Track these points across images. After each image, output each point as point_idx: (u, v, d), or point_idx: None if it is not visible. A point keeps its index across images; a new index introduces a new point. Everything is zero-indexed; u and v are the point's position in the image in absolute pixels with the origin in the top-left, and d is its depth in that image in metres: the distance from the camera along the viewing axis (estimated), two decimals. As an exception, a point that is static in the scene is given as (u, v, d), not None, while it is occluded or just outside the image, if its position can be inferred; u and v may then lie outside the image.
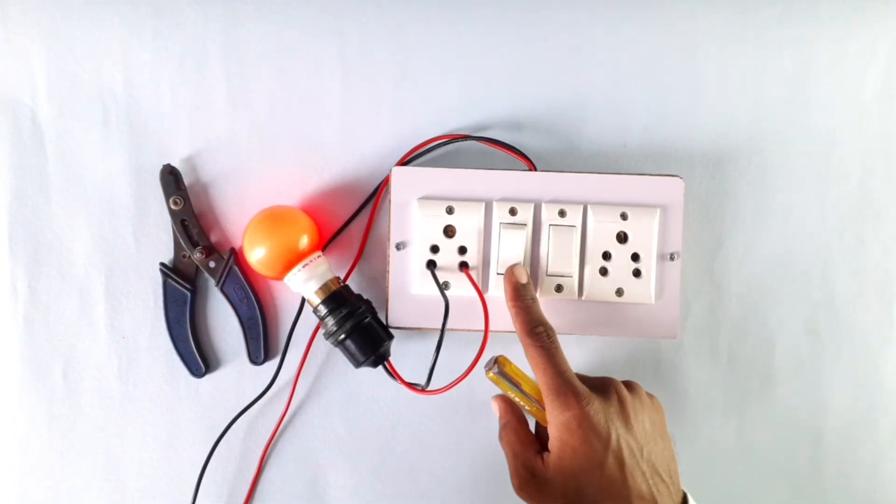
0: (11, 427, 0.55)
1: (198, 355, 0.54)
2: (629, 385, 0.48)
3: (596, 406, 0.44)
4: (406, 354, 0.54)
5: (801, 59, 0.55)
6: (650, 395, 0.48)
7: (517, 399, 0.48)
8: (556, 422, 0.44)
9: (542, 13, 0.54)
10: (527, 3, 0.54)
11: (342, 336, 0.49)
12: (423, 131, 0.54)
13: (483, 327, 0.49)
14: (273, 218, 0.51)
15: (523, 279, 0.48)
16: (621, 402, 0.45)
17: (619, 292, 0.51)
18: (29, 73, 0.54)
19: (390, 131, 0.54)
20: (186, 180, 0.54)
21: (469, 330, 0.51)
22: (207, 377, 0.55)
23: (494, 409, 0.51)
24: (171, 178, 0.53)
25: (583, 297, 0.51)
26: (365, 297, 0.51)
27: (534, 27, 0.54)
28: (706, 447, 0.55)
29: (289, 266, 0.50)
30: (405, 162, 0.53)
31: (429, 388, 0.49)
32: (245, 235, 0.51)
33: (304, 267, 0.50)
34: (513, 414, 0.49)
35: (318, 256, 0.51)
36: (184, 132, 0.54)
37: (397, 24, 0.54)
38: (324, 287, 0.50)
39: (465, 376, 0.48)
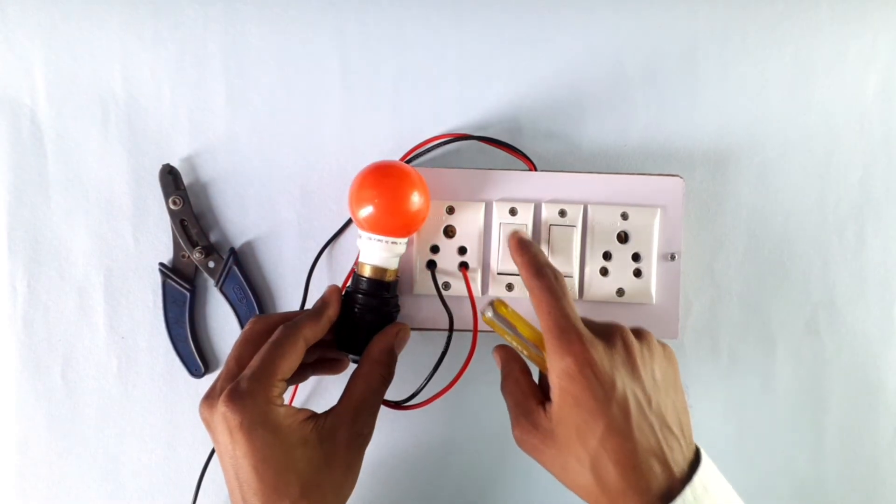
0: (11, 427, 0.55)
1: (197, 355, 0.54)
2: (638, 332, 0.44)
3: (600, 351, 0.40)
4: (405, 355, 0.54)
5: (801, 59, 0.55)
6: (662, 345, 0.45)
7: (514, 344, 0.46)
8: (557, 368, 0.40)
9: (542, 13, 0.54)
10: (527, 3, 0.54)
11: (360, 311, 0.47)
12: (422, 131, 0.54)
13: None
14: (422, 182, 0.48)
15: (527, 236, 0.47)
16: (627, 349, 0.41)
17: (620, 292, 0.51)
18: (28, 73, 0.54)
19: (390, 131, 0.54)
20: (186, 180, 0.54)
21: (469, 331, 0.51)
22: (207, 377, 0.54)
23: (496, 361, 0.47)
24: (171, 178, 0.53)
25: (583, 297, 0.51)
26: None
27: (534, 27, 0.54)
28: (706, 447, 0.55)
29: (406, 230, 0.47)
30: (405, 162, 0.53)
31: (408, 404, 0.47)
32: (389, 178, 0.47)
33: (401, 241, 0.47)
34: (515, 362, 0.46)
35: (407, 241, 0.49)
36: (184, 132, 0.54)
37: (397, 24, 0.54)
38: (392, 271, 0.48)
39: (449, 388, 0.47)
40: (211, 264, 0.53)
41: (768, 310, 0.55)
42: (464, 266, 0.51)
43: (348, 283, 0.50)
